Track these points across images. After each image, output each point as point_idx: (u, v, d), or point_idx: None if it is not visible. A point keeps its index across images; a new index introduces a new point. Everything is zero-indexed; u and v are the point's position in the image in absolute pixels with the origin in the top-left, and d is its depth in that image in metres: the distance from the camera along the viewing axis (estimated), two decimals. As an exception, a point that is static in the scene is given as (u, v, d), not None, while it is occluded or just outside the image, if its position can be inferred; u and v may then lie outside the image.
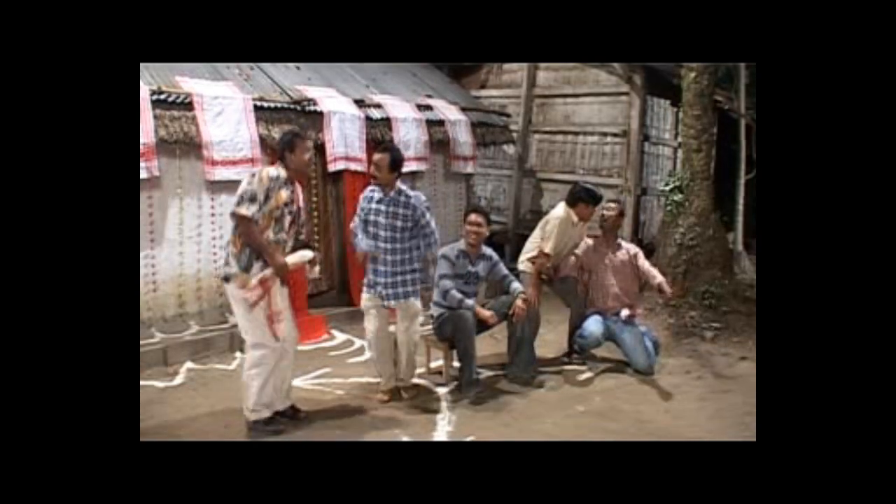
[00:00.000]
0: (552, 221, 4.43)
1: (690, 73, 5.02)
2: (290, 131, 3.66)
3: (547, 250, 4.40)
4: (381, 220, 3.72)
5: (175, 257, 4.94)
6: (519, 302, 4.00)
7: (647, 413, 3.66)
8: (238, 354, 4.89)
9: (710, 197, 5.15)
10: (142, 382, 4.24)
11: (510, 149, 7.88)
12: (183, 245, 4.97)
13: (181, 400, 4.01)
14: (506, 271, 4.24)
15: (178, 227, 4.93)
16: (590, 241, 4.64)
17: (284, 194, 3.28)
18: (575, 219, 4.43)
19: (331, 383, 4.24)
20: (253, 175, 3.25)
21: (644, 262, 4.58)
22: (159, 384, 4.26)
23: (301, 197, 3.48)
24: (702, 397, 3.90)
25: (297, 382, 4.31)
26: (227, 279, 3.32)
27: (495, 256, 4.24)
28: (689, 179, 5.14)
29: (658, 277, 4.44)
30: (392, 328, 3.95)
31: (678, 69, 5.49)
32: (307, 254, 3.45)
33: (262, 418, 3.42)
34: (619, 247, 4.59)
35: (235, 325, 5.08)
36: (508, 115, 7.58)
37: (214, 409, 3.83)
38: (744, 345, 4.73)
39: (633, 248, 4.63)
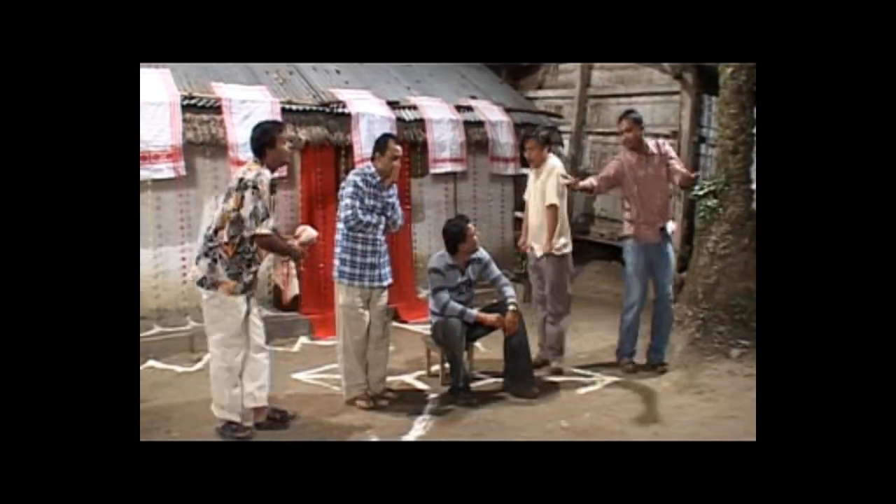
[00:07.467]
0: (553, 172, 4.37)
1: (727, 68, 4.60)
2: (264, 128, 3.41)
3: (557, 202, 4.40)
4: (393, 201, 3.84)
5: (210, 251, 5.25)
6: (509, 315, 3.90)
7: (632, 435, 3.42)
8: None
9: (746, 203, 4.68)
10: (163, 366, 4.61)
11: (563, 150, 7.62)
12: (218, 240, 5.28)
13: (190, 385, 4.28)
14: (497, 273, 4.14)
15: (213, 222, 5.25)
16: (620, 158, 4.35)
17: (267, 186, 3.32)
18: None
19: (332, 379, 4.31)
20: (248, 188, 3.20)
21: (674, 161, 4.22)
22: (179, 369, 4.58)
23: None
24: (701, 422, 3.58)
25: (300, 376, 4.49)
26: (214, 285, 3.30)
27: (485, 257, 4.14)
28: (724, 184, 4.71)
29: (678, 172, 4.16)
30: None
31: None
32: (311, 231, 3.61)
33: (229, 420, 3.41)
34: (650, 156, 4.22)
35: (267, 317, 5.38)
36: (560, 117, 7.36)
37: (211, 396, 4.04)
38: (773, 367, 4.27)
39: (662, 147, 4.26)
